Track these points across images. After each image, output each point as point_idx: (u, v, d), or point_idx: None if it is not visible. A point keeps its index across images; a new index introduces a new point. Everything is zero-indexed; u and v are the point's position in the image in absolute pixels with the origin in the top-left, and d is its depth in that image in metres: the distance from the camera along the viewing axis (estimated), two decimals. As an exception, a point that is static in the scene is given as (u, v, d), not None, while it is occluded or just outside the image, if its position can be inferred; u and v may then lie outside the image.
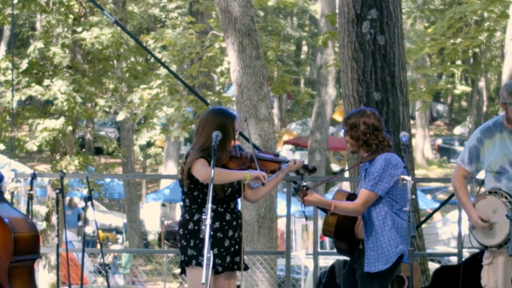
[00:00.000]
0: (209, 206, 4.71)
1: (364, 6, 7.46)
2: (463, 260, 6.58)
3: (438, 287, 6.54)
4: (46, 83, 13.88)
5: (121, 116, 16.29)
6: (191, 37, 15.18)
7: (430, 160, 35.65)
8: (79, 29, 14.03)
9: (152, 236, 24.94)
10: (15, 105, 14.19)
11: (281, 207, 12.00)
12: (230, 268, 5.19)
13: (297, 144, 32.72)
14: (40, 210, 14.71)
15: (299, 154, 31.85)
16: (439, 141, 37.96)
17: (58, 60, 13.72)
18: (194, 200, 5.19)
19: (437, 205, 14.39)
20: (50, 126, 13.76)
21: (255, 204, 10.69)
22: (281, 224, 14.77)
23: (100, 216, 23.56)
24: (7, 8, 14.01)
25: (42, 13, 14.42)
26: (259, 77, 10.77)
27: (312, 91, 25.93)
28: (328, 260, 11.04)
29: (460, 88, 34.37)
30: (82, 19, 14.36)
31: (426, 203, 21.64)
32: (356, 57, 7.47)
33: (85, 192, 14.51)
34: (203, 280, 4.57)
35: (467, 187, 5.57)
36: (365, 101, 7.40)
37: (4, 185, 5.54)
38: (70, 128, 13.97)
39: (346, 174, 9.29)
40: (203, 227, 4.72)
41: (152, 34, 16.38)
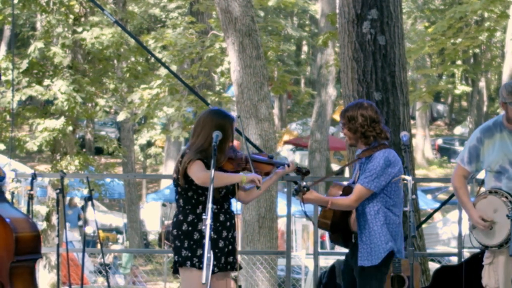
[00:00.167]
0: (209, 206, 4.71)
1: (364, 6, 7.47)
2: (464, 260, 6.58)
3: (438, 287, 6.54)
4: (46, 83, 13.89)
5: (121, 116, 16.30)
6: (192, 37, 15.18)
7: (431, 160, 35.66)
8: (80, 29, 14.04)
9: (152, 236, 24.95)
10: (15, 105, 14.20)
11: (281, 207, 12.00)
12: (224, 268, 5.18)
13: (297, 144, 32.71)
14: (41, 210, 14.72)
15: (299, 154, 31.86)
16: (440, 141, 37.95)
17: (58, 60, 13.72)
18: (188, 200, 5.18)
19: (437, 205, 14.41)
20: (50, 126, 13.76)
21: (256, 204, 10.70)
22: (282, 224, 14.76)
23: (101, 216, 23.57)
24: (7, 8, 14.02)
25: (43, 13, 14.43)
26: (260, 77, 10.77)
27: (313, 91, 25.93)
28: (328, 260, 11.04)
29: (460, 88, 34.40)
30: (82, 19, 14.36)
31: (426, 203, 21.65)
32: (356, 57, 7.48)
33: (86, 192, 14.52)
34: (203, 280, 4.57)
35: (467, 187, 5.57)
36: (365, 101, 7.40)
37: (4, 185, 5.54)
38: (70, 128, 13.98)
39: (346, 173, 9.31)
40: (203, 227, 4.71)
41: (152, 34, 16.38)
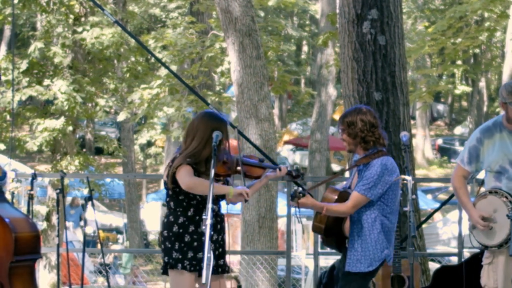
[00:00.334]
0: (209, 206, 4.70)
1: (364, 6, 7.46)
2: (464, 260, 6.58)
3: (438, 287, 6.54)
4: (46, 83, 13.89)
5: (121, 116, 16.30)
6: (192, 37, 15.18)
7: (431, 160, 35.65)
8: (80, 29, 14.04)
9: (152, 236, 24.94)
10: (15, 105, 14.20)
11: (281, 207, 12.00)
12: (216, 272, 5.17)
13: (297, 144, 32.71)
14: (41, 210, 14.73)
15: (299, 154, 31.86)
16: (440, 141, 37.94)
17: (59, 60, 13.72)
18: (179, 203, 5.16)
19: (437, 205, 14.40)
20: (50, 126, 13.76)
21: (256, 204, 10.71)
22: (282, 224, 14.76)
23: (101, 216, 23.56)
24: (7, 8, 14.01)
25: (43, 13, 14.43)
26: (260, 77, 10.77)
27: (313, 91, 25.92)
28: (328, 260, 11.03)
29: (460, 88, 34.40)
30: (82, 19, 14.36)
31: (426, 203, 21.64)
32: (356, 57, 7.47)
33: (86, 192, 14.52)
34: (203, 280, 4.57)
35: (467, 187, 5.57)
36: (365, 101, 7.40)
37: (5, 185, 5.55)
38: (70, 128, 13.98)
39: (346, 175, 9.30)
40: (203, 227, 4.71)
41: (152, 34, 16.38)
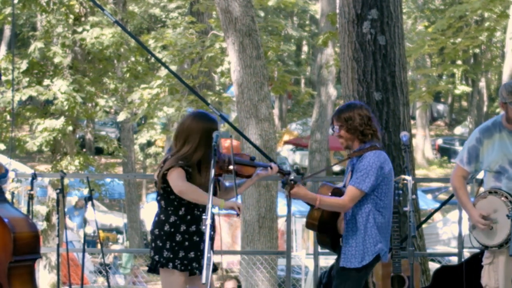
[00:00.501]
0: (209, 206, 4.69)
1: (364, 6, 7.46)
2: (464, 260, 6.58)
3: (438, 287, 6.53)
4: (46, 83, 13.88)
5: (121, 116, 16.30)
6: (192, 37, 15.18)
7: (431, 160, 35.65)
8: (80, 29, 14.04)
9: (152, 236, 24.89)
10: (15, 105, 14.20)
11: (281, 207, 12.00)
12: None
13: (297, 144, 32.73)
14: (41, 210, 14.72)
15: (299, 154, 31.88)
16: (440, 141, 37.94)
17: (59, 60, 13.72)
18: (170, 202, 5.14)
19: (437, 205, 14.39)
20: (50, 126, 13.76)
21: (256, 204, 10.71)
22: (282, 224, 14.76)
23: (101, 216, 23.56)
24: (7, 8, 14.01)
25: (43, 13, 14.43)
26: (260, 77, 10.77)
27: (313, 91, 25.92)
28: (328, 260, 11.02)
29: (460, 88, 34.37)
30: (82, 19, 14.36)
31: (426, 203, 21.63)
32: (356, 57, 7.47)
33: (86, 192, 14.50)
34: (203, 280, 4.57)
35: (467, 187, 5.56)
36: (365, 101, 7.40)
37: (5, 183, 5.54)
38: (70, 128, 13.97)
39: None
40: (203, 227, 4.71)
41: (152, 34, 16.38)
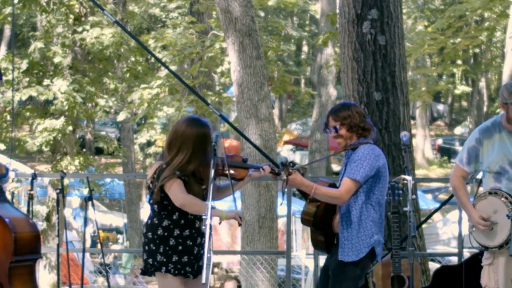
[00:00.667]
0: (209, 206, 4.70)
1: (364, 6, 7.46)
2: (464, 260, 6.58)
3: (438, 287, 6.53)
4: (46, 83, 13.89)
5: (121, 116, 16.30)
6: (192, 37, 15.18)
7: (431, 160, 35.64)
8: (80, 29, 14.05)
9: (152, 236, 24.88)
10: (15, 105, 14.20)
11: (281, 207, 12.00)
12: (197, 273, 5.11)
13: (297, 144, 32.73)
14: (41, 210, 14.73)
15: (299, 154, 31.87)
16: (440, 141, 37.94)
17: (59, 60, 13.73)
18: (163, 207, 5.11)
19: (437, 205, 14.38)
20: (50, 126, 13.77)
21: (256, 204, 10.71)
22: (282, 224, 14.76)
23: (101, 216, 23.56)
24: (7, 8, 14.02)
25: (43, 13, 14.43)
26: (260, 77, 10.78)
27: (313, 91, 25.93)
28: (328, 260, 11.02)
29: (460, 88, 34.38)
30: (82, 19, 14.37)
31: (426, 203, 21.63)
32: (356, 57, 7.47)
33: (86, 192, 14.50)
34: (203, 280, 4.57)
35: (466, 188, 5.56)
36: (365, 101, 7.41)
37: (6, 183, 5.54)
38: (70, 128, 13.98)
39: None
40: (203, 227, 4.70)
41: (152, 34, 16.39)
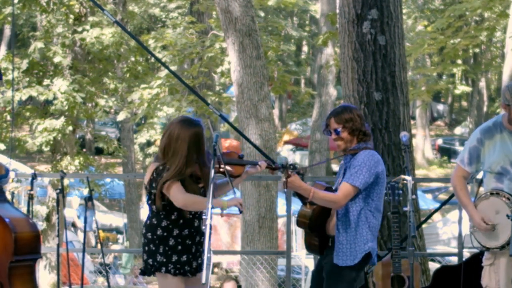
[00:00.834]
0: (209, 206, 4.70)
1: (364, 6, 7.47)
2: (464, 260, 6.58)
3: (438, 287, 6.53)
4: (46, 83, 13.89)
5: (121, 116, 16.31)
6: (192, 37, 15.18)
7: (431, 160, 35.64)
8: (80, 29, 14.05)
9: (152, 236, 24.86)
10: (15, 105, 14.21)
11: (281, 207, 12.01)
12: (195, 272, 5.14)
13: (297, 144, 32.73)
14: (41, 210, 14.73)
15: (299, 154, 31.88)
16: (440, 141, 37.94)
17: (58, 60, 13.73)
18: (162, 207, 5.11)
19: (437, 205, 14.39)
20: (50, 126, 13.77)
21: (256, 204, 10.71)
22: (282, 224, 14.77)
23: (101, 216, 23.57)
24: (7, 8, 14.02)
25: (43, 13, 14.44)
26: (260, 77, 10.77)
27: (313, 91, 25.94)
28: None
29: (460, 88, 34.38)
30: (82, 19, 14.37)
31: (426, 203, 21.64)
32: (356, 57, 7.48)
33: (86, 192, 14.50)
34: (203, 280, 4.57)
35: (467, 188, 5.55)
36: (365, 101, 7.41)
37: (6, 183, 5.54)
38: (70, 128, 13.98)
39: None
40: (203, 227, 4.70)
41: (152, 34, 16.39)
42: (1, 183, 5.37)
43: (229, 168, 5.21)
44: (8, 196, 5.55)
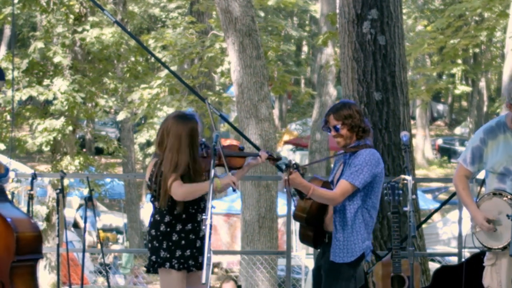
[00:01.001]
0: (209, 206, 4.71)
1: (364, 6, 7.47)
2: (465, 259, 6.57)
3: (438, 287, 6.53)
4: (46, 83, 13.90)
5: (121, 116, 16.31)
6: (192, 37, 15.19)
7: (431, 160, 35.64)
8: (80, 29, 14.05)
9: (152, 236, 24.85)
10: (15, 105, 14.21)
11: (281, 207, 12.01)
12: (201, 267, 5.13)
13: (297, 144, 32.72)
14: (41, 210, 14.73)
15: (299, 154, 31.87)
16: (440, 141, 37.94)
17: (58, 59, 13.73)
18: (165, 203, 5.15)
19: (437, 205, 14.39)
20: (50, 126, 13.77)
21: (256, 204, 10.71)
22: (282, 224, 14.77)
23: (101, 216, 23.57)
24: (7, 8, 14.02)
25: (43, 13, 14.44)
26: (260, 77, 10.78)
27: (313, 91, 25.94)
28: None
29: (460, 88, 34.37)
30: (82, 19, 14.38)
31: (426, 203, 21.63)
32: (356, 57, 7.48)
33: (86, 192, 14.51)
34: (203, 280, 4.57)
35: (470, 188, 5.53)
36: (365, 101, 7.41)
37: (6, 183, 5.55)
38: (70, 128, 13.98)
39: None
40: (203, 227, 4.72)
41: (152, 34, 16.40)
42: (1, 182, 5.37)
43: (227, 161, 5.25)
44: (8, 196, 5.55)
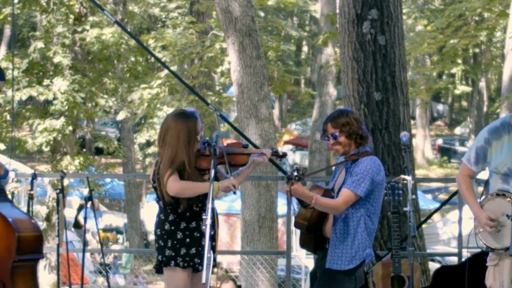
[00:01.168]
0: (209, 206, 4.72)
1: (364, 6, 7.47)
2: (467, 259, 6.56)
3: (438, 287, 6.53)
4: (46, 83, 13.90)
5: (121, 116, 16.31)
6: (192, 37, 15.19)
7: (431, 160, 35.65)
8: (80, 29, 14.06)
9: (152, 236, 24.88)
10: (15, 105, 14.22)
11: (281, 207, 12.01)
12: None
13: (297, 144, 32.72)
14: (41, 210, 14.73)
15: (299, 154, 31.87)
16: (440, 141, 37.94)
17: (58, 59, 13.73)
18: (169, 202, 5.18)
19: (437, 205, 14.39)
20: (50, 126, 13.78)
21: (256, 204, 10.71)
22: (282, 224, 14.77)
23: (103, 216, 23.57)
24: (7, 8, 14.02)
25: (43, 13, 14.44)
26: (260, 77, 10.78)
27: (313, 91, 25.94)
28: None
29: (460, 88, 34.38)
30: (82, 19, 14.38)
31: (426, 203, 21.64)
32: (356, 57, 7.48)
33: (86, 192, 14.49)
34: (203, 280, 4.58)
35: (473, 187, 5.52)
36: (365, 101, 7.41)
37: (6, 184, 5.55)
38: (70, 128, 13.99)
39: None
40: (203, 227, 4.72)
41: (152, 34, 16.40)
42: (1, 183, 5.37)
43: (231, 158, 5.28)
44: (8, 196, 5.55)
